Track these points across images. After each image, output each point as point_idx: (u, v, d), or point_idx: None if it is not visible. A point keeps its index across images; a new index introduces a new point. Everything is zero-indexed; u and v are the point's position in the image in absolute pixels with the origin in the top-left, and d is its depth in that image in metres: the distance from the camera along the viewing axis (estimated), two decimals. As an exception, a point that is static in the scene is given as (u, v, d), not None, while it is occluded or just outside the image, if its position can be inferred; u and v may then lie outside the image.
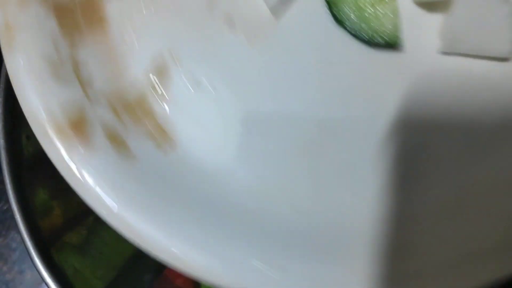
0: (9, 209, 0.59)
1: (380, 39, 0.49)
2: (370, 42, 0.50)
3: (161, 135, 0.50)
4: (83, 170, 0.46)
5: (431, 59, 0.49)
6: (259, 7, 0.51)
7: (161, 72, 0.52)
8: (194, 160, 0.49)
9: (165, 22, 0.53)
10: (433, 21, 0.50)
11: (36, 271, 0.58)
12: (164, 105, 0.51)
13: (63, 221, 0.67)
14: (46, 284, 0.58)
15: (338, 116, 0.50)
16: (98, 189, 0.45)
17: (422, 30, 0.51)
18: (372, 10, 0.49)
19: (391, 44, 0.50)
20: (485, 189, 0.46)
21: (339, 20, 0.50)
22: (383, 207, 0.46)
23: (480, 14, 0.47)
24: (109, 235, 0.75)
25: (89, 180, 0.46)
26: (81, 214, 0.71)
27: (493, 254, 0.43)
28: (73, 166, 0.45)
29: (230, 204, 0.48)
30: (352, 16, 0.50)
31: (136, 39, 0.52)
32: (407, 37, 0.50)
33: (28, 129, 0.65)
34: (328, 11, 0.51)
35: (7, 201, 0.59)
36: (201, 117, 0.51)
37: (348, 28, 0.50)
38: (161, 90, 0.51)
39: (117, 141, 0.48)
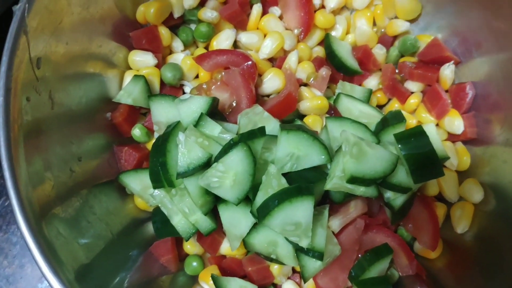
0: (10, 204, 0.60)
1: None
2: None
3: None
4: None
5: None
6: None
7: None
8: None
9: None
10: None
11: (36, 265, 0.60)
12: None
13: (55, 193, 0.68)
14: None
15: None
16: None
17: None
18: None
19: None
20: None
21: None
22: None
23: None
24: (100, 208, 0.77)
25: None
26: (74, 186, 0.73)
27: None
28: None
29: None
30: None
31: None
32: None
33: (29, 91, 0.67)
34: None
35: (8, 197, 0.61)
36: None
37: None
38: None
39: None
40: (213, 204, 0.73)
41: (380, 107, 0.92)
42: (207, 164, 0.71)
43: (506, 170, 0.78)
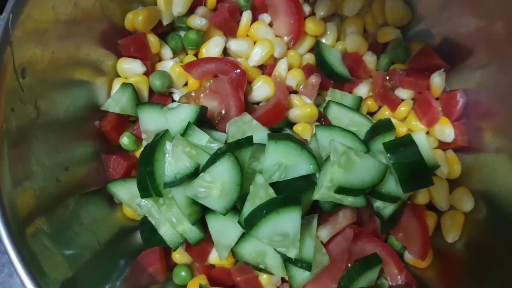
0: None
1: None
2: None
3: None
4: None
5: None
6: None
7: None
8: None
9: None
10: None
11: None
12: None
13: (40, 203, 0.67)
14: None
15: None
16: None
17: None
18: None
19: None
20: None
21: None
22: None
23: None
24: (87, 218, 0.76)
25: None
26: (60, 196, 0.72)
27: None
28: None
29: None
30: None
31: None
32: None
33: (14, 101, 0.66)
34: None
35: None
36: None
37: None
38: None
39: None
40: (201, 214, 0.73)
41: (370, 114, 0.92)
42: (194, 174, 0.70)
43: (497, 179, 0.78)
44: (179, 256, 0.80)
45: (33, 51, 0.68)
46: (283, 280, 0.79)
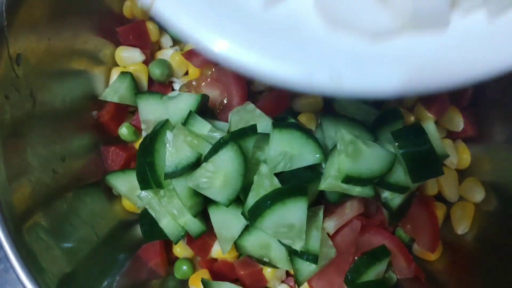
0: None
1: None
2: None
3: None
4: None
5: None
6: None
7: None
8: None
9: None
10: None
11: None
12: None
13: (36, 195, 0.65)
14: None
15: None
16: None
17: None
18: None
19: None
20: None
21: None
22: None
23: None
24: (85, 211, 0.74)
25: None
26: (57, 188, 0.70)
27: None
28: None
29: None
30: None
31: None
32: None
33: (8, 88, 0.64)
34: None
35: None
36: None
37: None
38: None
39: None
40: (203, 205, 0.70)
41: (377, 103, 0.89)
42: (196, 164, 0.68)
43: (508, 169, 0.76)
44: (180, 250, 0.78)
45: (28, 37, 0.65)
46: (288, 273, 0.77)
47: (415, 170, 0.68)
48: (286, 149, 0.68)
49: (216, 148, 0.67)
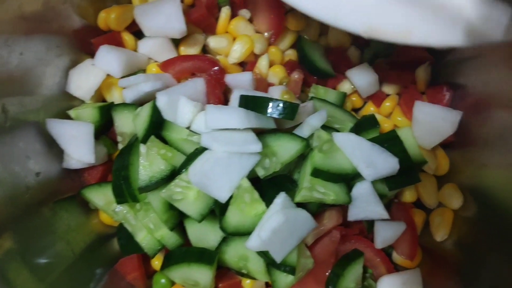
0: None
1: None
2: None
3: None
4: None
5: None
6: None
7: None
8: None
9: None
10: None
11: None
12: None
13: (8, 212, 0.64)
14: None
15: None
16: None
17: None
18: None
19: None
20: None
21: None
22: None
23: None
24: (60, 226, 0.73)
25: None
26: (30, 204, 0.69)
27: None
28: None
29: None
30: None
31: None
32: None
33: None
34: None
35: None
36: None
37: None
38: None
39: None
40: (178, 218, 0.70)
41: (355, 110, 0.89)
42: (170, 177, 0.67)
43: (486, 174, 0.75)
44: (159, 263, 0.77)
45: (-2, 52, 0.65)
46: (267, 284, 0.77)
47: (391, 178, 0.68)
48: (265, 150, 0.66)
49: (192, 157, 0.66)
